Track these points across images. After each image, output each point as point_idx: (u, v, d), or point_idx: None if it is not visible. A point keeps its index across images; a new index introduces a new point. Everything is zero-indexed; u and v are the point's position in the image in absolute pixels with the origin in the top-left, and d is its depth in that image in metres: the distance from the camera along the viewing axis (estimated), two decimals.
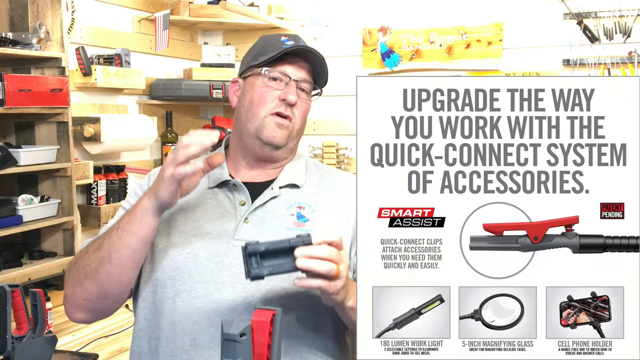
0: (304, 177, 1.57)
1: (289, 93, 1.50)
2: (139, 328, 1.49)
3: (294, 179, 1.55)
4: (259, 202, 1.50)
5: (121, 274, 1.40)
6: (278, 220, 1.48)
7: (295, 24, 3.92)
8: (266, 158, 1.55)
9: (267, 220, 1.48)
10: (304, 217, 1.49)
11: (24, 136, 2.74)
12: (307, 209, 1.50)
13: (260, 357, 1.10)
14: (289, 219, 1.48)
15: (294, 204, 1.51)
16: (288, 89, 1.51)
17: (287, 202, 1.51)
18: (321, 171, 1.62)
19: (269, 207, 1.50)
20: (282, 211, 1.49)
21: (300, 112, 1.54)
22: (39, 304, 1.55)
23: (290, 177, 1.55)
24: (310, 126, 4.02)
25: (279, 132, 1.51)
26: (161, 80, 3.59)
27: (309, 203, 1.51)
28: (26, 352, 1.51)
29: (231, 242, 1.45)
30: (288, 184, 1.54)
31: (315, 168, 1.63)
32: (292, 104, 1.51)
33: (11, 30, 2.68)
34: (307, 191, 1.54)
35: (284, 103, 1.51)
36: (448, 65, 3.75)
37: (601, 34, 3.47)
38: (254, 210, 1.49)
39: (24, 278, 2.68)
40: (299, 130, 1.56)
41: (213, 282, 1.41)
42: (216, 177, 1.54)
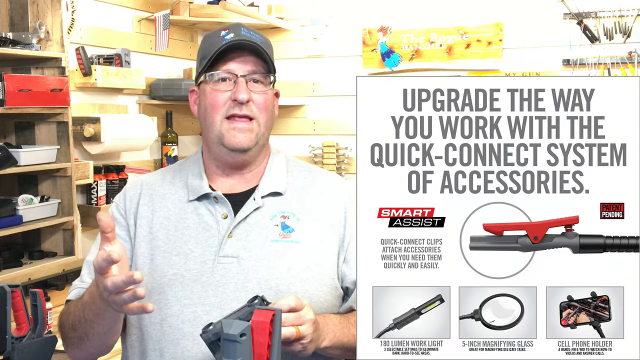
0: (285, 181, 1.51)
1: (237, 92, 1.41)
2: (126, 356, 1.48)
3: (276, 186, 1.49)
4: (242, 215, 1.44)
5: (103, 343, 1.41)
6: (263, 232, 1.43)
7: (295, 24, 3.92)
8: (237, 164, 1.48)
9: (251, 233, 1.43)
10: (289, 227, 1.44)
11: (24, 136, 2.74)
12: (291, 218, 1.45)
13: (260, 357, 1.10)
14: (274, 230, 1.43)
15: (278, 213, 1.45)
16: (237, 87, 1.42)
17: (271, 211, 1.46)
18: (303, 173, 1.55)
19: (252, 219, 1.44)
20: (267, 222, 1.44)
21: (260, 106, 1.44)
22: (39, 304, 1.55)
23: (272, 185, 1.49)
24: (310, 126, 4.02)
25: (241, 136, 1.43)
26: (161, 80, 3.59)
27: (293, 211, 1.46)
28: (26, 352, 1.51)
29: (216, 259, 1.40)
30: (270, 192, 1.48)
31: (297, 169, 1.55)
32: (244, 102, 1.42)
33: (11, 30, 2.68)
34: (290, 198, 1.48)
35: (236, 103, 1.42)
36: (448, 65, 3.75)
37: (601, 34, 3.47)
38: (238, 224, 1.43)
39: (24, 278, 2.68)
40: (264, 123, 1.46)
41: (201, 305, 1.37)
42: (196, 190, 1.47)
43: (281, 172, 1.52)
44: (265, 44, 1.47)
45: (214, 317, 1.34)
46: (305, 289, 1.40)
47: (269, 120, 1.48)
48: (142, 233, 1.46)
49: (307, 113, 4.01)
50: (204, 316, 1.36)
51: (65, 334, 1.44)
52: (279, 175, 1.51)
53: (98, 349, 1.43)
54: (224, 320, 1.12)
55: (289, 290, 1.38)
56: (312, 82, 3.99)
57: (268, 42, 1.50)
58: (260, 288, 1.37)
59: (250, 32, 1.47)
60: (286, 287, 1.39)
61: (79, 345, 1.41)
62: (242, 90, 1.42)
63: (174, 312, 1.38)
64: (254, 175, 1.51)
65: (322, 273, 1.43)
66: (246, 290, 1.37)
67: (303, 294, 1.38)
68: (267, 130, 1.48)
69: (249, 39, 1.44)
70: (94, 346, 1.41)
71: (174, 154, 3.63)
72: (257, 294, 1.26)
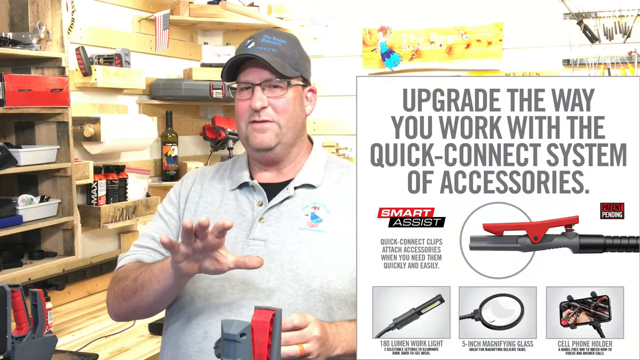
0: (321, 176, 1.61)
1: (253, 101, 1.54)
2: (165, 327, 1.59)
3: (310, 179, 1.59)
4: (274, 202, 1.56)
5: (150, 306, 1.52)
6: (293, 220, 1.53)
7: (295, 24, 3.92)
8: (269, 161, 1.60)
9: (281, 220, 1.54)
10: (318, 217, 1.54)
11: (24, 136, 2.73)
12: (321, 209, 1.55)
13: (260, 357, 1.10)
14: (304, 219, 1.53)
15: (310, 204, 1.56)
16: (253, 96, 1.55)
17: (303, 202, 1.56)
18: (342, 169, 1.65)
19: (284, 207, 1.56)
20: (298, 211, 1.55)
21: (279, 108, 1.56)
22: (39, 304, 1.55)
23: (307, 178, 1.59)
24: (311, 126, 4.01)
25: (261, 136, 1.55)
26: (161, 80, 3.59)
27: (324, 203, 1.56)
28: (26, 352, 1.51)
29: (246, 241, 1.52)
30: (304, 184, 1.58)
31: (336, 165, 1.66)
32: (258, 110, 1.54)
33: (11, 30, 2.68)
34: (323, 191, 1.58)
35: (254, 110, 1.55)
36: (448, 65, 3.75)
37: (601, 34, 3.47)
38: (269, 210, 1.55)
39: (24, 278, 2.69)
40: (286, 123, 1.57)
41: (228, 280, 1.47)
42: (237, 180, 1.62)
43: (318, 167, 1.63)
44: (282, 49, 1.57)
45: (237, 291, 1.46)
46: (324, 274, 1.47)
47: (290, 120, 1.58)
48: (188, 215, 1.61)
49: None
50: (228, 290, 1.47)
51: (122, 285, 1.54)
52: (316, 170, 1.62)
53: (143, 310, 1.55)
54: (224, 321, 1.12)
55: (308, 274, 1.46)
56: (312, 82, 3.98)
57: (290, 44, 1.61)
58: (282, 269, 1.47)
59: (273, 37, 1.60)
60: (306, 272, 1.47)
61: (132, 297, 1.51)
62: (258, 99, 1.54)
63: (203, 285, 1.50)
64: (291, 169, 1.62)
65: (343, 263, 1.48)
66: (270, 270, 1.46)
67: (322, 280, 1.46)
68: (291, 129, 1.59)
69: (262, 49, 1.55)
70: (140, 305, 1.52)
71: (174, 154, 3.63)
72: (281, 276, 1.45)
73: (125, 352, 2.43)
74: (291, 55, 1.59)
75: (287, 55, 1.58)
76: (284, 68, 1.56)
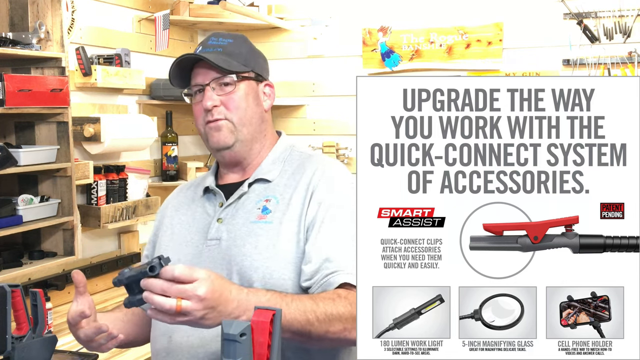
0: (279, 169, 1.60)
1: (204, 101, 1.55)
2: None
3: (265, 174, 1.59)
4: (230, 201, 1.58)
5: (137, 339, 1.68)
6: (246, 216, 1.54)
7: (295, 24, 3.92)
8: (232, 161, 1.61)
9: (236, 217, 1.54)
10: (268, 209, 1.53)
11: (24, 136, 2.74)
12: (272, 201, 1.54)
13: (260, 357, 1.10)
14: (255, 213, 1.53)
15: (263, 197, 1.55)
16: (204, 96, 1.56)
17: (258, 196, 1.56)
18: (301, 160, 1.61)
19: (240, 204, 1.57)
20: (251, 206, 1.55)
21: (230, 106, 1.56)
22: (39, 304, 1.55)
23: (262, 173, 1.59)
24: (311, 126, 4.02)
25: (217, 134, 1.56)
26: (161, 80, 3.59)
27: (276, 195, 1.55)
28: (26, 352, 1.51)
29: (205, 242, 1.55)
30: (258, 179, 1.58)
31: (297, 157, 1.63)
32: (210, 109, 1.55)
33: (11, 30, 2.68)
34: (278, 184, 1.57)
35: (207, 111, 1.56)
36: (448, 65, 3.75)
37: (601, 34, 3.47)
38: (225, 209, 1.57)
39: (24, 278, 2.69)
40: (240, 120, 1.57)
41: None
42: (202, 186, 1.65)
43: (276, 162, 1.61)
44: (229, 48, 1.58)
45: None
46: (267, 265, 1.46)
47: (244, 116, 1.57)
48: (164, 229, 1.67)
49: (307, 113, 4.01)
50: None
51: None
52: (273, 165, 1.61)
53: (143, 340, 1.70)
54: (224, 321, 1.12)
55: (252, 266, 1.46)
56: (312, 82, 3.99)
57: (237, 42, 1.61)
58: (230, 265, 1.48)
59: (220, 38, 1.60)
60: (249, 264, 1.47)
61: None
62: (207, 98, 1.55)
63: None
64: (252, 167, 1.62)
65: (287, 252, 1.47)
66: (221, 267, 1.48)
67: (264, 270, 1.45)
68: (246, 125, 1.58)
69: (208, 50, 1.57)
70: None
71: (174, 154, 3.63)
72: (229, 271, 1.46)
73: (126, 352, 2.43)
74: (239, 52, 1.59)
75: (234, 53, 1.58)
76: (230, 64, 1.56)
